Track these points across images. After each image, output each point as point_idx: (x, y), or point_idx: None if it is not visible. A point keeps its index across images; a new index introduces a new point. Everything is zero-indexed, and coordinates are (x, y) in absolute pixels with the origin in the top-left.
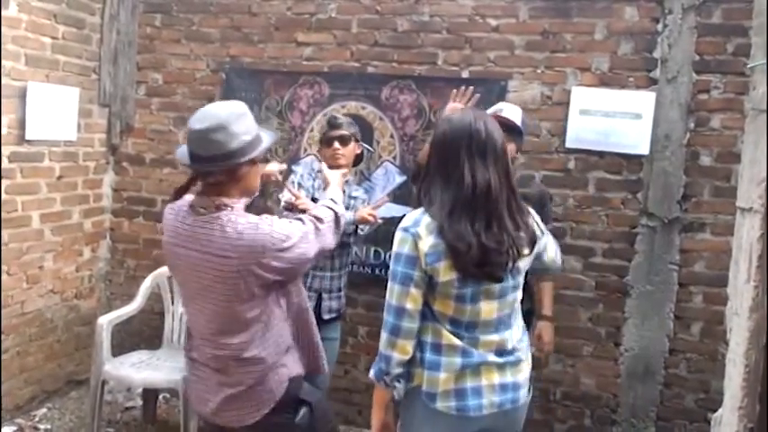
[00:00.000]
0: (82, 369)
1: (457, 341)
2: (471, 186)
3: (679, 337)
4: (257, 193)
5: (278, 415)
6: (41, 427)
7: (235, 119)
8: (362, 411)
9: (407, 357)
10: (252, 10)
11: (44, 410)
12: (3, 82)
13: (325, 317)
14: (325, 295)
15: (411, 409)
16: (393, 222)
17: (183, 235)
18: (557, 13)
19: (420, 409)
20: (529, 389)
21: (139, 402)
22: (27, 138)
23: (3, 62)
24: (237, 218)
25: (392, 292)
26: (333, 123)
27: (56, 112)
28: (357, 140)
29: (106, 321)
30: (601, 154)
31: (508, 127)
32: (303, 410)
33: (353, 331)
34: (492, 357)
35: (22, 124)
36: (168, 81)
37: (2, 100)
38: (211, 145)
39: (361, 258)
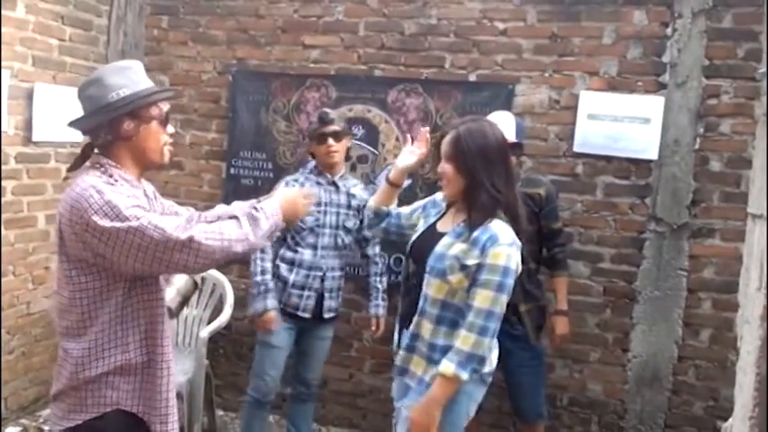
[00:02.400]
0: None
1: None
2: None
3: (687, 343)
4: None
5: None
6: (46, 428)
7: (113, 72)
8: (367, 415)
9: None
10: (259, 12)
11: (48, 411)
12: (10, 83)
13: (326, 316)
14: (326, 294)
15: (465, 395)
16: None
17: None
18: (565, 16)
19: (477, 391)
20: None
21: None
22: (34, 139)
23: (11, 63)
24: (88, 180)
25: (499, 302)
26: (325, 119)
27: (62, 113)
28: (348, 135)
29: None
30: (609, 159)
31: None
32: None
33: (358, 335)
34: None
35: (28, 125)
36: (175, 83)
37: (9, 101)
38: (87, 101)
39: None
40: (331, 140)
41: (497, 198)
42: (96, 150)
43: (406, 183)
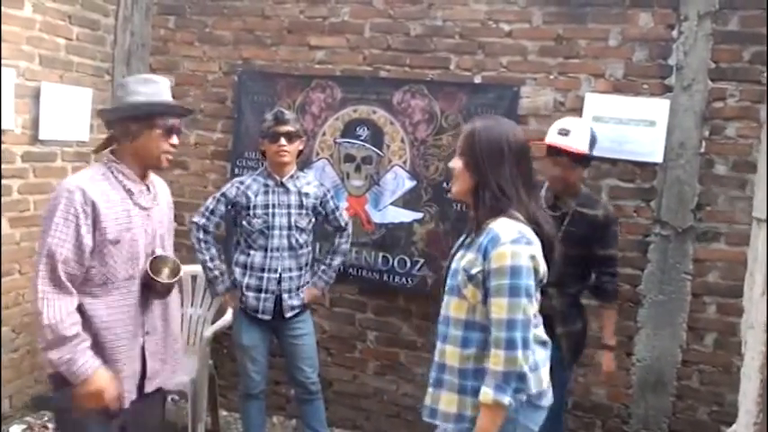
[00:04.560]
0: None
1: (538, 333)
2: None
3: (692, 347)
4: (160, 165)
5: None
6: (50, 425)
7: (140, 81)
8: (370, 417)
9: None
10: (265, 13)
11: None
12: (17, 82)
13: (287, 315)
14: (285, 295)
15: (507, 421)
16: (402, 227)
17: None
18: (570, 18)
19: (523, 415)
20: None
21: None
22: (40, 138)
23: (17, 62)
24: (88, 170)
25: (519, 306)
26: (280, 118)
27: (69, 112)
28: (301, 137)
29: None
30: (614, 161)
31: (574, 157)
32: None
33: (362, 336)
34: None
35: (35, 124)
36: (181, 83)
37: (16, 100)
38: (114, 100)
39: (370, 264)
40: (283, 140)
41: (500, 200)
42: (114, 143)
43: (411, 184)
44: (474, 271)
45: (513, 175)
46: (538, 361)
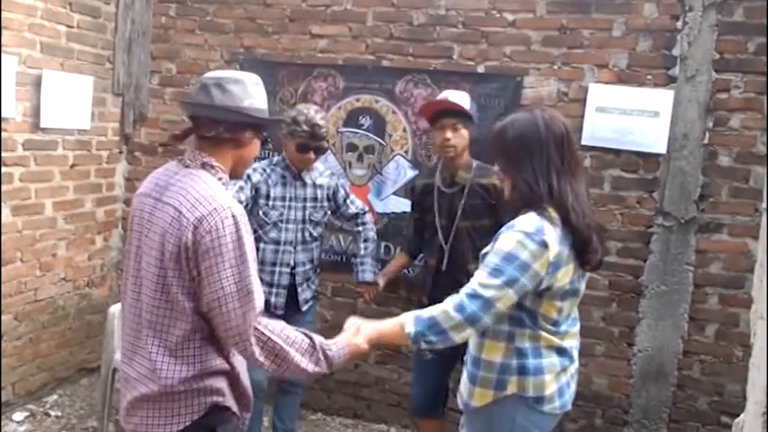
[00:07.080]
0: (93, 357)
1: (554, 339)
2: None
3: (693, 338)
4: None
5: None
6: (52, 413)
7: (255, 83)
8: (371, 406)
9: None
10: (267, 1)
11: (55, 397)
12: (18, 69)
13: (303, 308)
14: (299, 288)
15: (506, 418)
16: (404, 217)
17: (160, 184)
18: (575, 8)
19: (522, 416)
20: None
21: None
22: (41, 126)
23: (19, 50)
24: (211, 180)
25: (491, 287)
26: (316, 134)
27: (70, 100)
28: (326, 149)
29: (117, 310)
30: (617, 152)
31: (455, 112)
32: None
33: None
34: (575, 349)
35: (36, 112)
36: (182, 71)
37: (17, 87)
38: (225, 94)
39: None
40: (313, 154)
41: (527, 195)
42: (198, 140)
43: (413, 173)
44: (483, 252)
45: (545, 167)
46: (544, 365)
